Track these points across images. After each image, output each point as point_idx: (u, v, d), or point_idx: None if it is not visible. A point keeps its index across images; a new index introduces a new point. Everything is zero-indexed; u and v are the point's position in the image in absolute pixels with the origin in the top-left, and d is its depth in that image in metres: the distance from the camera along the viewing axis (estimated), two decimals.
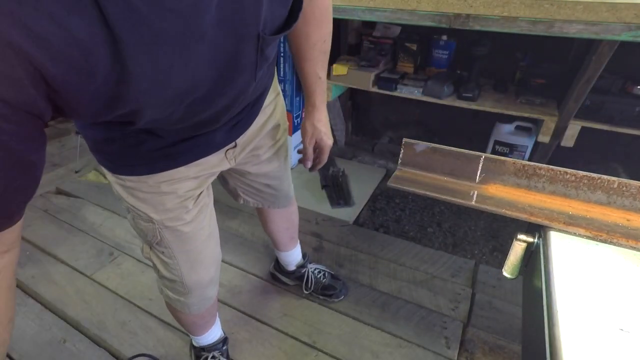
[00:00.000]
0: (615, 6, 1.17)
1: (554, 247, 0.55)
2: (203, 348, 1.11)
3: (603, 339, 0.41)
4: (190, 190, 0.75)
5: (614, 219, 0.60)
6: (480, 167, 0.72)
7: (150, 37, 0.37)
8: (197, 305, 0.92)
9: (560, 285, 0.48)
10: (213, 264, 0.89)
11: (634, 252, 0.54)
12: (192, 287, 0.86)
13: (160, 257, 0.82)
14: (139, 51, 0.37)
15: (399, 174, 0.80)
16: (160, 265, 0.84)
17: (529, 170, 0.68)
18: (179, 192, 0.73)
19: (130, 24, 0.34)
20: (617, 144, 1.81)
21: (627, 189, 0.61)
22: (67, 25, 0.31)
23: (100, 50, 0.34)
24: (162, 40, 0.38)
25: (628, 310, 0.45)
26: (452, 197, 0.70)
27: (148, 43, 0.37)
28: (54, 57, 0.32)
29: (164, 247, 0.79)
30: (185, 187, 0.73)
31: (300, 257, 1.35)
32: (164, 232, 0.76)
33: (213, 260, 0.89)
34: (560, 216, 0.61)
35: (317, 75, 0.83)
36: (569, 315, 0.44)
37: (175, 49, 0.40)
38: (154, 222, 0.74)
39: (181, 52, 0.41)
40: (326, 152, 0.92)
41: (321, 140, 0.89)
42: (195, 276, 0.85)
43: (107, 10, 0.32)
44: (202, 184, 0.78)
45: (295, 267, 1.35)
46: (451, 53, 1.93)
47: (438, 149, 0.77)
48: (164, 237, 0.77)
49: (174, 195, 0.73)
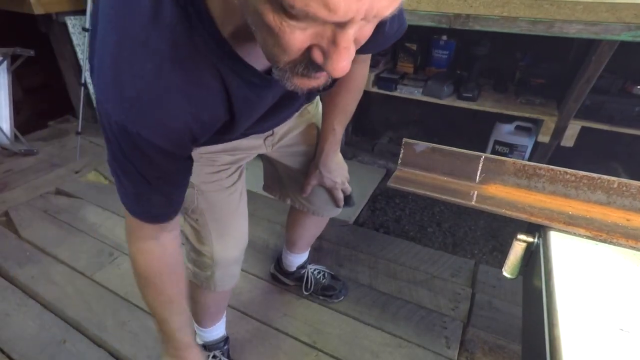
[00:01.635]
0: (615, 6, 1.17)
1: (554, 247, 0.55)
2: (205, 346, 1.11)
3: (603, 339, 0.41)
4: (226, 164, 0.82)
5: (614, 219, 0.60)
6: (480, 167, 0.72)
7: (253, 112, 0.60)
8: (222, 281, 0.92)
9: (560, 285, 0.48)
10: (241, 241, 0.92)
11: (634, 252, 0.54)
12: (219, 260, 0.87)
13: (193, 225, 0.84)
14: (245, 118, 0.59)
15: (399, 174, 0.80)
16: (192, 236, 0.86)
17: (529, 170, 0.68)
18: (216, 163, 0.80)
19: (246, 108, 0.56)
20: (617, 144, 1.81)
21: (627, 189, 0.61)
22: (217, 114, 0.53)
23: (225, 121, 0.57)
24: (258, 111, 0.62)
25: (628, 310, 0.45)
26: (452, 197, 0.70)
27: (252, 114, 0.61)
28: (206, 130, 0.54)
29: (198, 214, 0.82)
30: (223, 160, 0.81)
31: (304, 259, 1.36)
32: (200, 198, 0.80)
33: (241, 235, 0.92)
34: (560, 216, 0.61)
35: (332, 127, 0.92)
36: (569, 315, 0.44)
37: (260, 111, 0.63)
38: (193, 186, 0.78)
39: (264, 110, 0.63)
40: (332, 190, 1.03)
41: (322, 182, 0.99)
42: (223, 248, 0.87)
43: (235, 105, 0.54)
44: (238, 161, 0.85)
45: (295, 268, 1.36)
46: (451, 53, 1.93)
47: (438, 149, 0.77)
48: (199, 203, 0.81)
49: (212, 165, 0.80)
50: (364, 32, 0.36)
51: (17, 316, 1.28)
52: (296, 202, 1.08)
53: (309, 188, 1.00)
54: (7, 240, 1.60)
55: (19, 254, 1.52)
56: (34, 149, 2.23)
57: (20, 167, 2.10)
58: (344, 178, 1.04)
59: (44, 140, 2.39)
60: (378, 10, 0.31)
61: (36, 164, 2.14)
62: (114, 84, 0.45)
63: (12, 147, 2.19)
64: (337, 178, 1.01)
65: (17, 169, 2.09)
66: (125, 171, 0.53)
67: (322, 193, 1.05)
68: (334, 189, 1.02)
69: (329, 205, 1.08)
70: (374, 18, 0.32)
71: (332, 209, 1.09)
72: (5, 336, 1.22)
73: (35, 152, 2.23)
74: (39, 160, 2.17)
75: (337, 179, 1.01)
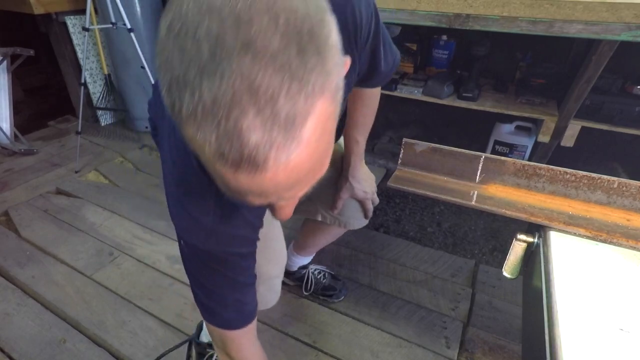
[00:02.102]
0: (615, 6, 1.17)
1: (554, 247, 0.55)
2: (210, 344, 1.10)
3: (603, 339, 0.41)
4: None
5: (614, 219, 0.60)
6: (480, 167, 0.72)
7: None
8: (265, 298, 0.93)
9: (560, 285, 0.48)
10: (282, 256, 0.94)
11: (634, 252, 0.54)
12: (262, 274, 0.88)
13: None
14: None
15: (399, 174, 0.80)
16: None
17: (529, 170, 0.68)
18: None
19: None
20: (617, 144, 1.81)
21: (627, 189, 0.61)
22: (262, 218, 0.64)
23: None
24: None
25: (628, 310, 0.45)
26: (452, 197, 0.70)
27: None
28: (261, 219, 0.64)
29: None
30: None
31: (308, 261, 1.37)
32: None
33: (281, 250, 0.94)
34: (560, 216, 0.61)
35: (356, 140, 0.94)
36: (569, 315, 0.44)
37: None
38: None
39: None
40: (364, 201, 1.04)
41: (353, 193, 1.01)
42: (266, 263, 0.88)
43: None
44: None
45: (296, 268, 1.36)
46: (451, 53, 1.93)
47: (438, 149, 0.77)
48: None
49: None
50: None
51: (17, 316, 1.28)
52: (327, 217, 1.08)
53: (340, 202, 1.01)
54: (7, 240, 1.60)
55: (19, 254, 1.52)
56: (34, 148, 2.24)
57: (20, 166, 2.10)
58: (373, 188, 1.05)
59: (44, 140, 2.39)
60: (303, 190, 0.38)
61: (36, 163, 2.14)
62: (194, 226, 0.57)
63: (12, 146, 2.19)
64: (368, 188, 1.02)
65: (17, 168, 2.09)
66: (211, 283, 0.63)
67: (352, 205, 1.05)
68: (366, 199, 1.03)
69: (359, 215, 1.08)
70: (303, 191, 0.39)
71: (361, 219, 1.10)
72: (5, 336, 1.22)
73: (35, 151, 2.23)
74: (39, 159, 2.17)
75: (367, 189, 1.02)
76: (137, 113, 2.43)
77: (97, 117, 2.57)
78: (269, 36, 0.29)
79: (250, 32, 0.28)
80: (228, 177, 0.33)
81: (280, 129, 0.30)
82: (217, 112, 0.29)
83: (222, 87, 0.29)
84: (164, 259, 1.51)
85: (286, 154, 0.31)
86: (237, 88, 0.28)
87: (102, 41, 2.30)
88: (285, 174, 0.33)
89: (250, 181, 0.33)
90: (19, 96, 2.79)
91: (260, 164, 0.31)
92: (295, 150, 0.31)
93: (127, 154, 2.24)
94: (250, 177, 0.32)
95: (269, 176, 0.32)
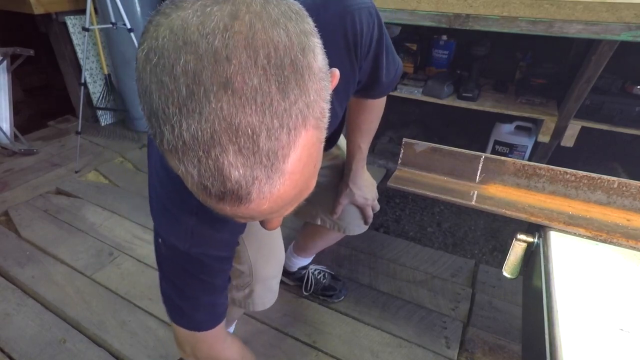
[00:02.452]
0: (615, 6, 1.17)
1: (554, 247, 0.55)
2: None
3: (603, 339, 0.41)
4: None
5: (614, 219, 0.60)
6: (480, 167, 0.72)
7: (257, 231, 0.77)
8: (262, 298, 0.91)
9: (560, 285, 0.48)
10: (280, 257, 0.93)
11: (634, 252, 0.54)
12: (258, 276, 0.87)
13: None
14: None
15: (398, 174, 0.80)
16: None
17: (529, 170, 0.68)
18: None
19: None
20: (617, 144, 1.81)
21: (627, 189, 0.61)
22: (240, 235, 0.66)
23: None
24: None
25: (628, 310, 0.45)
26: (452, 197, 0.70)
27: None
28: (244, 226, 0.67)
29: None
30: None
31: (308, 262, 1.36)
32: None
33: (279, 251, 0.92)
34: (560, 216, 0.61)
35: (358, 146, 0.93)
36: (569, 315, 0.44)
37: None
38: None
39: None
40: (364, 207, 1.03)
41: (354, 199, 1.00)
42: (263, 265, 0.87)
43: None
44: None
45: (296, 269, 1.36)
46: (451, 53, 1.93)
47: (438, 149, 0.77)
48: None
49: None
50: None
51: (17, 316, 1.28)
52: (327, 221, 1.07)
53: (340, 208, 1.01)
54: (7, 240, 1.60)
55: (19, 254, 1.52)
56: (34, 148, 2.23)
57: (20, 166, 2.10)
58: (374, 195, 1.04)
59: (44, 140, 2.39)
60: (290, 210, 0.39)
61: (36, 163, 2.14)
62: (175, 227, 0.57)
63: (12, 146, 2.19)
64: (368, 195, 1.01)
65: (17, 168, 2.09)
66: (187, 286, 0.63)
67: (352, 211, 1.04)
68: (366, 205, 1.02)
69: (359, 222, 1.07)
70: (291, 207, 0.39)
71: (360, 225, 1.09)
72: (5, 336, 1.22)
73: (35, 151, 2.23)
74: (39, 159, 2.17)
75: (367, 195, 1.01)
76: (137, 113, 2.43)
77: (97, 117, 2.57)
78: (248, 74, 0.28)
79: (228, 71, 0.28)
80: (212, 205, 0.34)
81: (262, 166, 0.30)
82: (198, 149, 0.29)
83: (201, 126, 0.28)
84: None
85: (269, 187, 0.31)
86: (217, 128, 0.28)
87: (102, 41, 2.30)
88: (269, 204, 0.33)
89: (236, 210, 0.33)
90: (19, 96, 2.79)
91: (244, 197, 0.31)
92: (278, 181, 0.32)
93: (127, 154, 2.24)
94: (234, 208, 0.33)
95: (254, 206, 0.33)
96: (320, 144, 0.36)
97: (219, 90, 0.28)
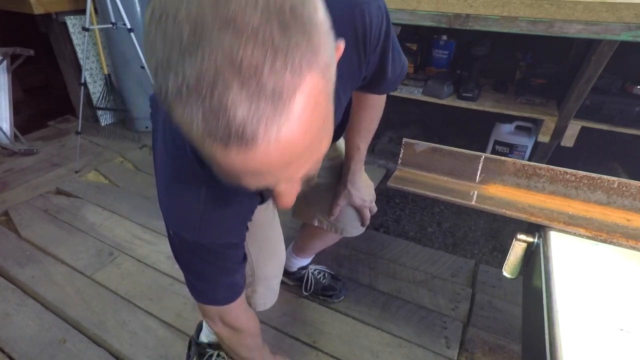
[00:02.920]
0: (615, 6, 1.17)
1: (554, 247, 0.55)
2: (210, 344, 1.10)
3: (603, 339, 0.41)
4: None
5: (614, 219, 0.60)
6: (480, 167, 0.72)
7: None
8: (264, 298, 0.93)
9: (560, 285, 0.48)
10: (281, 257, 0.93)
11: (634, 252, 0.54)
12: (260, 275, 0.87)
13: None
14: (268, 194, 0.63)
15: (398, 174, 0.80)
16: None
17: (529, 170, 0.68)
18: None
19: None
20: (617, 144, 1.81)
21: (627, 189, 0.61)
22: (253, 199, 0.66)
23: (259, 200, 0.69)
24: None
25: (628, 310, 0.45)
26: (452, 197, 0.70)
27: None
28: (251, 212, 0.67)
29: None
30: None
31: (307, 262, 1.36)
32: None
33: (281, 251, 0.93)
34: (560, 216, 0.61)
35: (357, 146, 0.92)
36: (569, 315, 0.44)
37: None
38: None
39: None
40: (361, 209, 1.01)
41: (351, 201, 0.99)
42: (265, 264, 0.87)
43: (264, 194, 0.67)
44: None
45: (296, 269, 1.36)
46: (451, 53, 1.93)
47: (438, 149, 0.77)
48: None
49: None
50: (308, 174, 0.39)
51: (17, 316, 1.28)
52: (324, 222, 1.07)
53: (337, 209, 1.00)
54: (7, 240, 1.60)
55: (19, 254, 1.52)
56: (34, 148, 2.23)
57: (20, 166, 2.10)
58: (371, 196, 1.03)
59: (44, 140, 2.39)
60: (304, 173, 0.38)
61: (36, 163, 2.14)
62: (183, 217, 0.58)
63: (12, 146, 2.19)
64: (366, 196, 1.00)
65: (17, 168, 2.09)
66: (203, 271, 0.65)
67: (349, 212, 1.03)
68: (363, 207, 1.01)
69: (356, 223, 1.06)
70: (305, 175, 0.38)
71: (358, 227, 1.08)
72: (5, 336, 1.22)
73: (35, 151, 2.23)
74: (39, 159, 2.17)
75: (365, 197, 1.00)
76: (137, 113, 2.43)
77: (97, 117, 2.57)
78: (248, 13, 0.28)
79: (229, 10, 0.28)
80: (219, 156, 0.33)
81: (268, 102, 0.29)
82: (201, 89, 0.29)
83: (204, 65, 0.28)
84: (164, 259, 1.51)
85: (276, 127, 0.30)
86: (220, 64, 0.28)
87: (102, 41, 2.30)
88: (278, 151, 0.32)
89: (242, 159, 0.32)
90: (19, 96, 2.79)
91: (250, 138, 0.30)
92: (286, 123, 0.31)
93: (127, 154, 2.24)
94: (241, 154, 0.32)
95: (261, 152, 0.31)
96: (327, 97, 0.35)
97: (220, 30, 0.28)
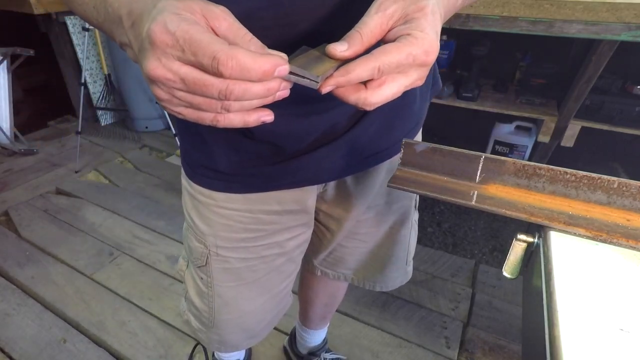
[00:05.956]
0: (615, 6, 1.17)
1: (554, 247, 0.55)
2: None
3: (603, 339, 0.41)
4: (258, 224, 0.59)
5: (614, 219, 0.60)
6: (480, 167, 0.71)
7: None
8: (219, 345, 0.75)
9: (560, 285, 0.48)
10: (259, 333, 0.75)
11: (634, 252, 0.54)
12: (220, 326, 0.69)
13: (197, 282, 0.66)
14: None
15: (398, 174, 0.79)
16: (192, 290, 0.69)
17: (529, 170, 0.68)
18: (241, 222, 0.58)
19: None
20: (617, 144, 1.81)
21: (627, 189, 0.61)
22: None
23: None
24: None
25: (628, 310, 0.45)
26: (452, 197, 0.70)
27: None
28: None
29: (206, 275, 0.64)
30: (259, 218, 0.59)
31: (320, 341, 1.10)
32: (214, 262, 0.62)
33: (262, 329, 0.75)
34: (561, 216, 0.61)
35: None
36: (569, 315, 0.44)
37: None
38: (206, 243, 0.60)
39: None
40: (397, 53, 0.33)
41: (409, 41, 0.33)
42: (226, 332, 0.70)
43: None
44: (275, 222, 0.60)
45: (306, 352, 1.10)
46: (451, 53, 1.93)
47: (438, 149, 0.77)
48: (212, 269, 0.62)
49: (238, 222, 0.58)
50: None
51: (17, 316, 1.28)
52: (329, 272, 0.82)
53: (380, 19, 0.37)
54: (7, 240, 1.60)
55: (19, 254, 1.52)
56: (33, 148, 2.24)
57: (20, 166, 2.10)
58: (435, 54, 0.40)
59: (44, 140, 2.39)
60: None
61: (36, 163, 2.14)
62: None
63: (12, 146, 2.19)
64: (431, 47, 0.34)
65: (17, 168, 2.09)
66: None
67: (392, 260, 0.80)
68: (418, 65, 0.35)
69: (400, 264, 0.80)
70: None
71: (403, 271, 0.82)
72: (5, 336, 1.22)
73: (35, 151, 2.23)
74: (38, 159, 2.17)
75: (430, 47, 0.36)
76: (137, 113, 2.43)
77: (97, 117, 2.57)
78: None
79: None
80: None
81: None
82: None
83: None
84: (164, 259, 1.51)
85: None
86: None
87: (102, 41, 2.30)
88: None
89: None
90: (19, 96, 2.79)
91: None
92: None
93: (127, 154, 2.24)
94: None
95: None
96: None
97: None
